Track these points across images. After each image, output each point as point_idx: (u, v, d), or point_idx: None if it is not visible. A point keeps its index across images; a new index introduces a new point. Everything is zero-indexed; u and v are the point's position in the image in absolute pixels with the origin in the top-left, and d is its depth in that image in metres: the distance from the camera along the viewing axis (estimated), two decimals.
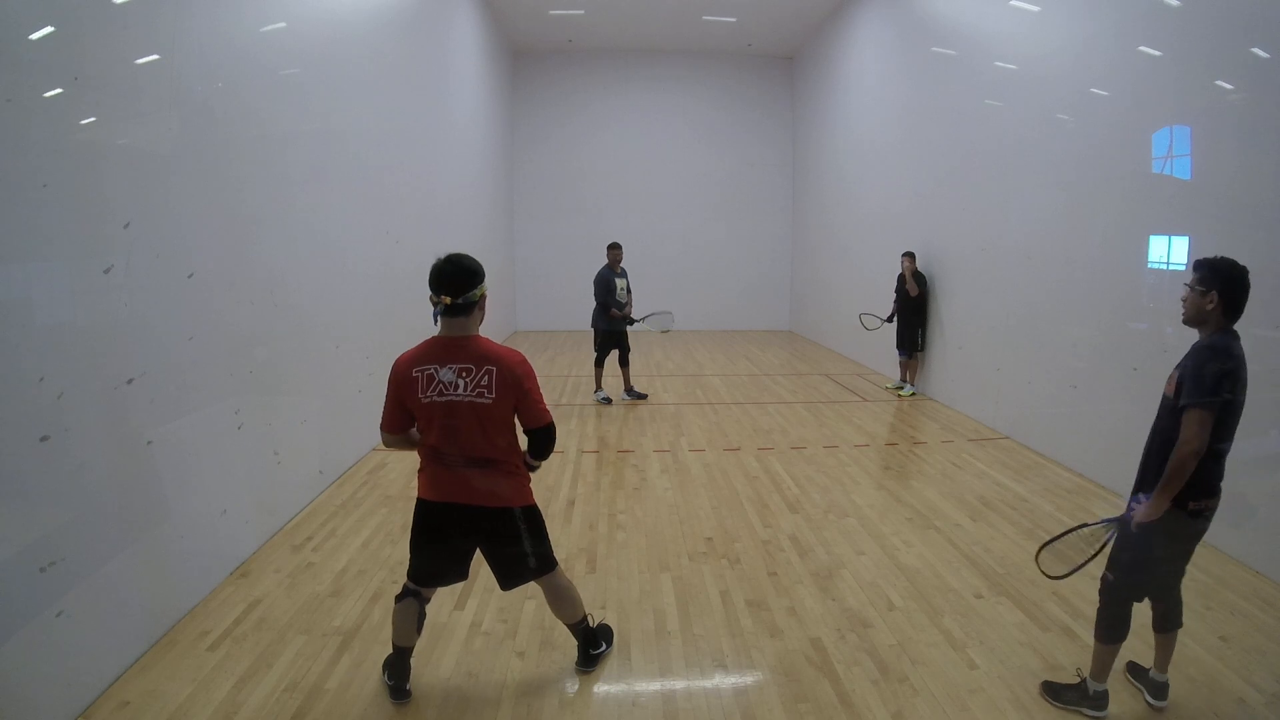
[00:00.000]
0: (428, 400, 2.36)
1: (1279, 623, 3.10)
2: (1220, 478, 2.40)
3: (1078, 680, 2.58)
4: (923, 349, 7.73)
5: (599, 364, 7.37)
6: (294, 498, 4.26)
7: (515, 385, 2.37)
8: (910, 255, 7.59)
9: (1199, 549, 2.53)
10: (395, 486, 4.74)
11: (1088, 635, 2.96)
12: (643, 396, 7.46)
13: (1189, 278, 2.38)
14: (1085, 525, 2.53)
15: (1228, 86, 3.90)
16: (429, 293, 2.40)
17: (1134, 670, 2.73)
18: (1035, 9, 5.78)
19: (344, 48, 5.06)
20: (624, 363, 7.39)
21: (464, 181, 9.35)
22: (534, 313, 13.45)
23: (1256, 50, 3.68)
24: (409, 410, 2.41)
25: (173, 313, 3.08)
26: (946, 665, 2.79)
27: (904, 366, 7.88)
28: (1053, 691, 2.58)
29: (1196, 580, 3.47)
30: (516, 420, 2.46)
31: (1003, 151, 6.23)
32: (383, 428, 2.48)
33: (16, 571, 2.26)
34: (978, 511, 4.37)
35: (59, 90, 2.47)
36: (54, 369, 2.40)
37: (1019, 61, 5.98)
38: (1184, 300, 2.40)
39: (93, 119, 2.64)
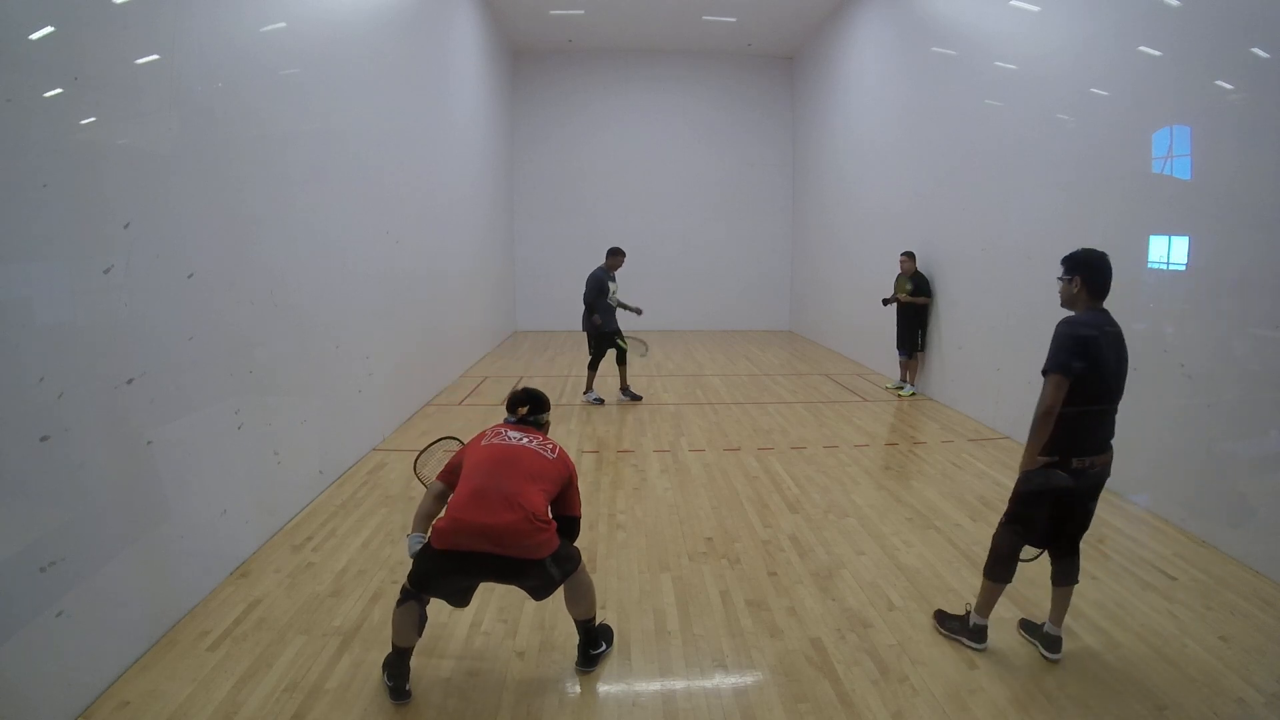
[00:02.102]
0: (487, 444, 2.69)
1: (1279, 623, 3.09)
2: (1108, 435, 2.68)
3: (965, 612, 2.91)
4: (923, 349, 7.73)
5: (593, 366, 7.35)
6: (294, 498, 4.26)
7: (571, 467, 2.74)
8: (909, 255, 7.59)
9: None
10: (395, 486, 4.73)
11: (1088, 635, 2.99)
12: (638, 398, 7.43)
13: (1059, 270, 2.76)
14: None
15: (1228, 86, 3.90)
16: (505, 413, 2.89)
17: (1027, 626, 2.99)
18: (1035, 9, 5.78)
19: (344, 48, 5.06)
20: (621, 361, 7.38)
21: (464, 181, 9.36)
22: (534, 313, 13.45)
23: (1256, 50, 3.68)
24: (464, 461, 2.67)
25: (173, 313, 3.08)
26: (946, 665, 2.79)
27: (904, 366, 7.88)
28: (941, 620, 2.98)
29: (1197, 580, 3.47)
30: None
31: (1003, 151, 6.23)
32: (438, 477, 2.77)
33: (16, 571, 2.26)
34: (978, 511, 4.37)
35: (59, 90, 2.47)
36: (54, 369, 2.40)
37: (1019, 61, 5.98)
38: (1059, 290, 2.77)
39: (93, 119, 2.63)
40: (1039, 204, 5.66)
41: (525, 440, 2.69)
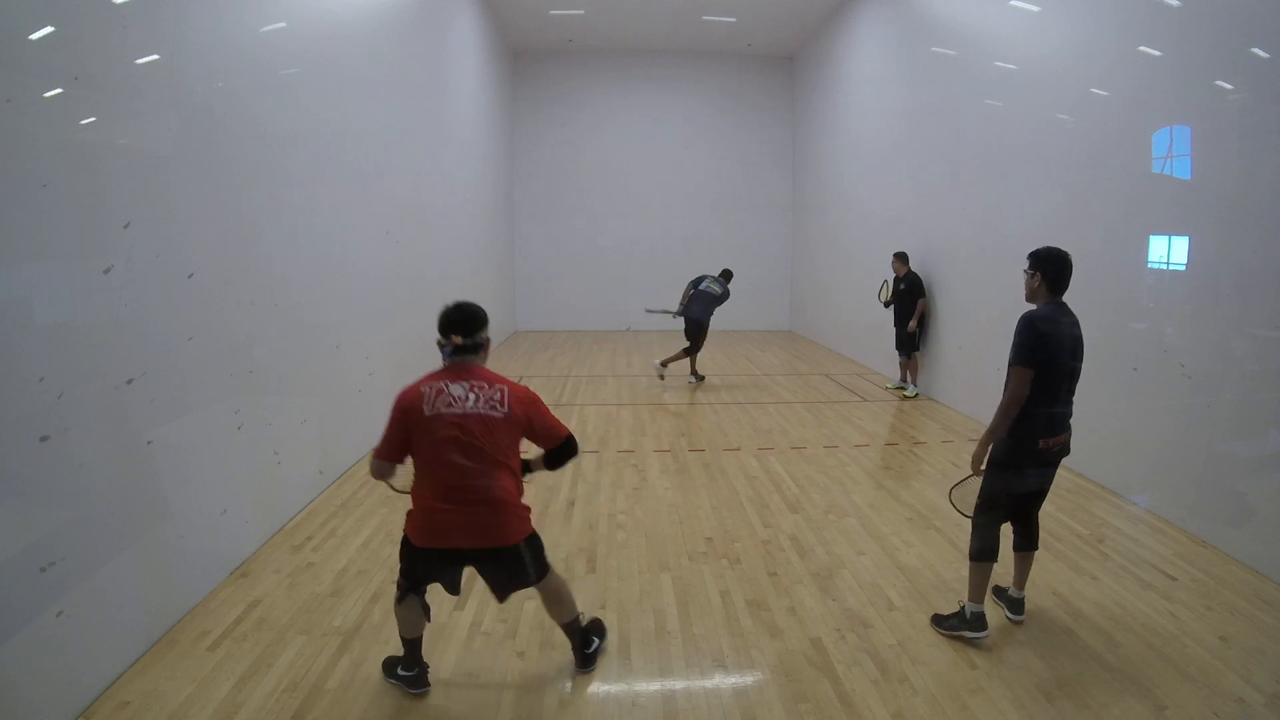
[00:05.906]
0: (433, 413, 2.36)
1: (1279, 623, 3.09)
2: (1066, 417, 2.91)
3: (958, 608, 2.96)
4: (919, 349, 7.72)
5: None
6: (294, 498, 4.26)
7: (528, 404, 2.48)
8: (899, 256, 7.57)
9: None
10: None
11: (1089, 636, 2.99)
12: (701, 379, 8.52)
13: (1025, 265, 2.90)
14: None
15: (1228, 86, 3.90)
16: (437, 336, 2.49)
17: (996, 590, 3.18)
18: (1035, 9, 5.78)
19: (344, 48, 5.06)
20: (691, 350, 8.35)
21: (464, 182, 9.35)
22: (534, 313, 13.43)
23: (1256, 50, 3.68)
24: (409, 434, 2.39)
25: (173, 313, 3.08)
26: (946, 665, 2.79)
27: (904, 366, 7.87)
28: (938, 621, 3.02)
29: (1197, 580, 3.47)
30: (531, 446, 2.56)
31: (1003, 151, 6.23)
32: (377, 454, 2.46)
33: (16, 571, 2.26)
34: None
35: (59, 90, 2.47)
36: (54, 369, 2.39)
37: (1019, 61, 5.98)
38: (1024, 284, 2.92)
39: (93, 119, 2.63)
40: (1039, 204, 5.66)
41: (471, 400, 2.38)
